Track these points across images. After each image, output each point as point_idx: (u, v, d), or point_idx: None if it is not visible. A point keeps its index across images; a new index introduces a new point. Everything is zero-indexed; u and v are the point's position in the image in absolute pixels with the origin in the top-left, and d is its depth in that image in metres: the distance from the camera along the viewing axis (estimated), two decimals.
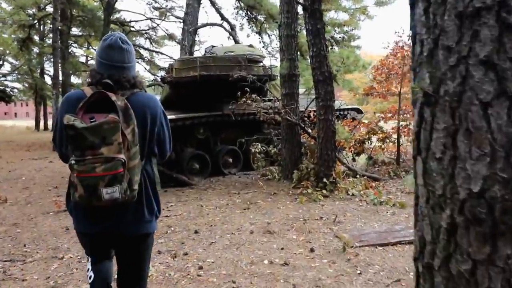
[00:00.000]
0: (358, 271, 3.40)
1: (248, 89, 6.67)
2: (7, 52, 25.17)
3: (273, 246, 4.11)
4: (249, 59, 7.87)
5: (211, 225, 4.89)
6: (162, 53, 21.16)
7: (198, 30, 14.11)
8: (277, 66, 8.09)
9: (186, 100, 7.84)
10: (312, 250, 3.94)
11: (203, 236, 4.48)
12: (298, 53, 7.14)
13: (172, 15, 16.78)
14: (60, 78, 18.81)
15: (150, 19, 20.14)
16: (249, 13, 17.88)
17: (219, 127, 8.38)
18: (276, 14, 12.52)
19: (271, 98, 7.64)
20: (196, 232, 4.61)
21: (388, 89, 8.53)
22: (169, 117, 6.65)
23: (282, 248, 4.02)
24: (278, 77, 8.01)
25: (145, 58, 23.60)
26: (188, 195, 6.72)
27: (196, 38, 15.36)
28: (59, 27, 14.87)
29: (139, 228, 1.87)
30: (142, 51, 23.29)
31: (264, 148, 7.84)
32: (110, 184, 1.58)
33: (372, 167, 8.64)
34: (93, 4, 21.00)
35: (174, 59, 8.42)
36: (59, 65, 15.19)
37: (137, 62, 24.14)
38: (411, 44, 1.31)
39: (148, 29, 21.36)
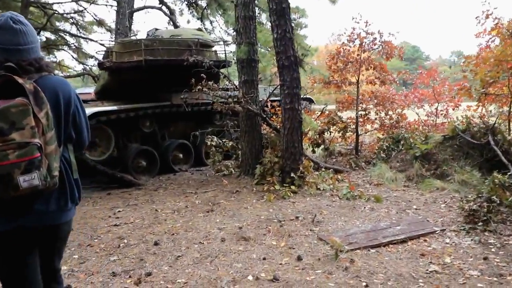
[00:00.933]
0: (364, 283, 2.91)
1: (204, 76, 5.94)
2: None
3: (253, 256, 3.51)
4: (201, 43, 7.10)
5: (173, 234, 4.16)
6: (91, 40, 19.26)
7: (134, 13, 12.88)
8: (231, 52, 7.42)
9: (129, 89, 6.92)
10: (299, 258, 3.40)
11: (166, 249, 3.74)
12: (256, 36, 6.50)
13: None
14: None
15: (77, 1, 18.22)
16: None
17: (167, 119, 7.55)
18: None
19: (226, 86, 6.97)
20: (156, 243, 3.86)
21: (344, 78, 8.24)
22: (109, 108, 5.69)
23: (264, 258, 3.44)
24: (233, 63, 7.36)
25: (72, 46, 21.47)
26: (137, 198, 5.87)
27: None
28: None
29: (62, 216, 1.80)
30: (68, 37, 21.14)
31: (220, 142, 7.15)
32: (27, 171, 1.47)
33: (329, 158, 8.35)
34: None
35: (113, 42, 7.34)
36: None
37: (63, 49, 22.05)
38: None
39: (74, 13, 19.31)
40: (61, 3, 18.81)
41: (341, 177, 6.44)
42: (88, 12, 18.84)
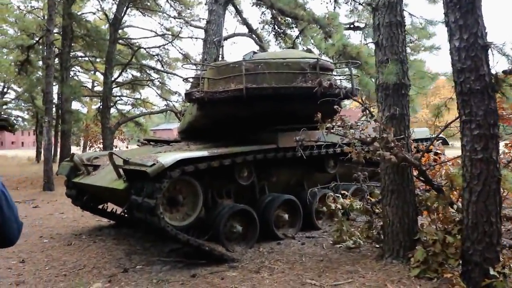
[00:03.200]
0: None
1: (339, 108, 4.03)
2: (5, 76, 23.28)
3: None
4: (320, 66, 5.24)
5: None
6: (176, 75, 18.83)
7: (221, 42, 11.73)
8: (358, 76, 5.45)
9: (223, 127, 5.25)
10: None
11: None
12: (406, 50, 4.49)
13: (190, 25, 14.44)
14: (56, 101, 16.55)
15: (163, 35, 17.96)
16: (276, 28, 15.57)
17: (269, 167, 5.70)
18: (322, 19, 10.08)
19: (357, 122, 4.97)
20: None
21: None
22: (198, 153, 3.64)
23: None
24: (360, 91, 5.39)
25: (156, 82, 21.29)
26: (232, 286, 3.98)
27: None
28: (54, 42, 12.59)
29: None
30: (152, 73, 21.02)
31: (346, 202, 5.07)
32: None
33: None
34: (98, 21, 18.95)
35: (205, 65, 5.82)
36: (53, 87, 12.82)
37: (148, 85, 21.98)
38: None
39: (159, 47, 19.07)
40: (147, 37, 18.83)
41: None
42: (173, 45, 18.42)
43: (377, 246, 5.04)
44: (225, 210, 5.06)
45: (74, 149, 21.28)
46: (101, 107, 16.98)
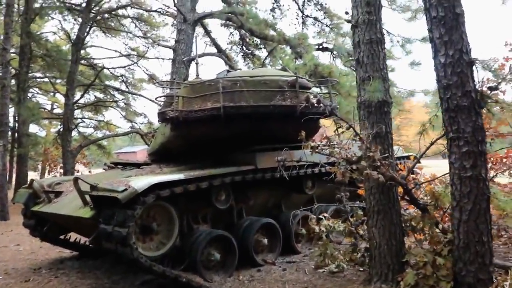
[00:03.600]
0: None
1: (324, 127, 3.89)
2: None
3: None
4: (299, 84, 5.09)
5: None
6: (142, 96, 18.34)
7: (191, 62, 11.50)
8: (337, 94, 5.35)
9: (199, 148, 4.97)
10: None
11: None
12: (385, 68, 4.44)
13: (158, 44, 14.11)
14: (11, 124, 15.59)
15: (128, 55, 17.51)
16: (244, 48, 15.58)
17: (247, 189, 5.44)
18: (293, 39, 10.10)
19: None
20: None
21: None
22: (174, 176, 3.43)
23: None
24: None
25: (121, 104, 20.66)
26: None
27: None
28: (10, 62, 11.92)
29: None
30: (117, 95, 20.40)
31: (330, 225, 4.87)
32: None
33: None
34: (59, 41, 18.28)
35: (179, 83, 5.44)
36: (9, 109, 12.05)
37: (111, 107, 21.28)
38: None
39: (124, 67, 18.58)
40: (112, 57, 18.31)
41: None
42: (139, 65, 18.00)
43: (361, 269, 4.86)
44: (202, 236, 4.72)
45: (31, 175, 20.08)
46: (61, 129, 16.18)
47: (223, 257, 4.90)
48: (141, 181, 4.04)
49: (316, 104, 4.01)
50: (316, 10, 13.54)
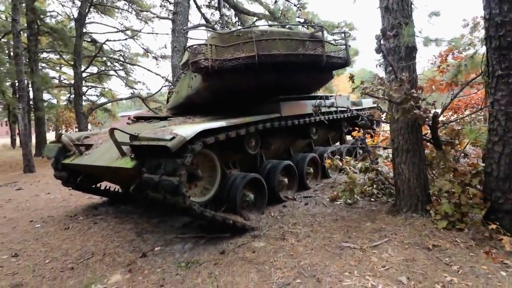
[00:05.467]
0: None
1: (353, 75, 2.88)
2: None
3: None
4: (319, 38, 3.97)
5: None
6: (140, 66, 16.15)
7: (188, 33, 9.79)
8: (350, 46, 4.27)
9: (224, 100, 3.81)
10: None
11: None
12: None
13: (157, 17, 11.99)
14: (31, 93, 13.23)
15: (126, 30, 15.09)
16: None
17: (268, 136, 4.40)
18: (277, 11, 8.67)
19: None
20: None
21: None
22: (217, 123, 1.91)
23: None
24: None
25: (121, 74, 18.23)
26: (272, 261, 2.73)
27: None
28: (21, 32, 9.59)
29: None
30: (117, 65, 17.92)
31: (355, 162, 3.98)
32: None
33: None
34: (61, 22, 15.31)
35: (210, 31, 4.04)
36: (24, 77, 9.85)
37: (115, 76, 18.79)
38: None
39: (125, 39, 16.10)
40: (111, 32, 15.69)
41: None
42: (135, 40, 15.63)
43: (372, 200, 4.10)
44: (238, 180, 3.69)
45: (48, 135, 17.70)
46: (72, 96, 13.95)
47: (255, 197, 3.94)
48: (187, 129, 2.88)
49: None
50: None
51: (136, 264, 2.96)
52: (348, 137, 6.75)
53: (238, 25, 12.56)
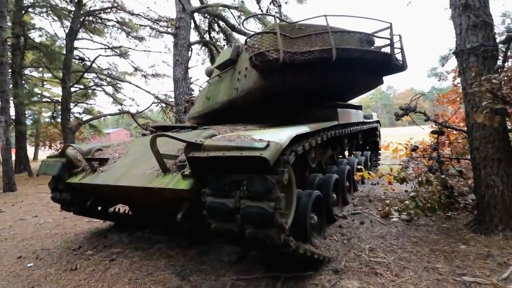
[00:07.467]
0: None
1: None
2: None
3: None
4: (370, 40, 3.14)
5: None
6: (130, 83, 14.43)
7: (190, 47, 8.61)
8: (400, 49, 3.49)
9: (285, 100, 2.79)
10: None
11: None
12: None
13: (159, 32, 10.60)
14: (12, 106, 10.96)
15: (116, 48, 13.44)
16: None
17: (323, 146, 3.41)
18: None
19: None
20: None
21: None
22: (302, 129, 1.53)
23: None
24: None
25: (108, 91, 16.28)
26: None
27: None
28: (7, 40, 7.80)
29: None
30: (104, 83, 15.98)
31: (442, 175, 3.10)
32: None
33: None
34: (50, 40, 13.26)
35: (276, 18, 2.98)
36: (9, 88, 7.94)
37: (103, 92, 16.72)
38: None
39: (109, 64, 14.35)
40: (102, 49, 13.81)
41: None
42: (126, 59, 14.00)
43: (428, 215, 3.25)
44: (304, 199, 2.63)
45: (30, 150, 15.03)
46: (60, 110, 11.90)
47: (318, 218, 2.88)
48: (274, 134, 1.80)
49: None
50: None
51: None
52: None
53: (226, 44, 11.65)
